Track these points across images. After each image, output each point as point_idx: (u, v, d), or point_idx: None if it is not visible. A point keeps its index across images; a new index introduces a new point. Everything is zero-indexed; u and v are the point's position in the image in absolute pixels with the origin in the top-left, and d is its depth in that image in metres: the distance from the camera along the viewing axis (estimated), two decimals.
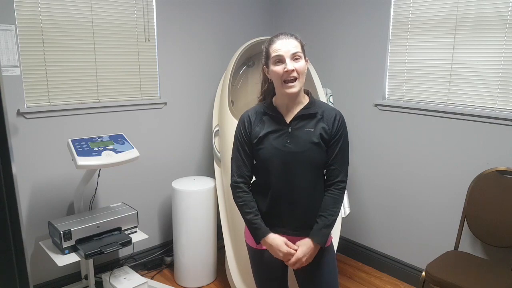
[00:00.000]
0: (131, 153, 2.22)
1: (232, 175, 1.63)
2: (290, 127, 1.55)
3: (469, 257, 2.23)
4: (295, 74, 1.49)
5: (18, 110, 2.26)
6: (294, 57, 1.49)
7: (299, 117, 1.56)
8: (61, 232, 2.09)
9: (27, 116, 2.29)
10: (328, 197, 1.58)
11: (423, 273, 2.12)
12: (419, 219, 2.64)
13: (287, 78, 1.49)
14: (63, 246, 2.10)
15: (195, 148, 3.10)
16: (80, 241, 2.15)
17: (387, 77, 2.72)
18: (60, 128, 2.43)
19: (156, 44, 2.75)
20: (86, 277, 2.49)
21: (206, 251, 2.70)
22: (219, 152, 2.56)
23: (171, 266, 2.94)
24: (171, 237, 3.00)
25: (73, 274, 2.57)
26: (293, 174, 1.54)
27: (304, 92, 1.62)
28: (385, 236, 2.85)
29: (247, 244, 1.72)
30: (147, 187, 2.87)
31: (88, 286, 2.41)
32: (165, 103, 2.86)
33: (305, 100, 1.60)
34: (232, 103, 2.57)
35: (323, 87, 2.74)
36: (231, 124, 2.42)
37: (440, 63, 2.43)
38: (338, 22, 2.93)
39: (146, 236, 2.40)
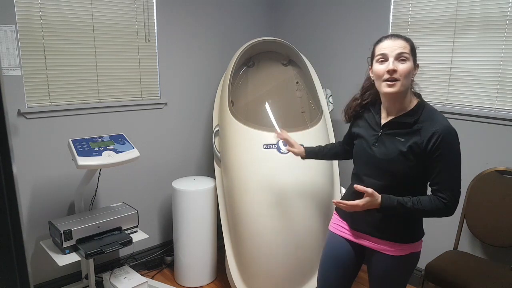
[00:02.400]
0: (132, 153, 2.22)
1: None
2: (381, 131, 1.48)
3: (469, 256, 2.23)
4: (396, 75, 1.37)
5: (19, 110, 2.26)
6: (400, 58, 1.38)
7: (392, 123, 1.45)
8: (62, 232, 2.09)
9: (28, 116, 2.30)
10: (427, 196, 1.41)
11: (423, 273, 2.12)
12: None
13: (388, 78, 1.37)
14: (64, 246, 2.11)
15: (195, 148, 3.10)
16: (81, 240, 2.16)
17: None
18: (60, 128, 2.43)
19: (156, 44, 2.76)
20: (86, 277, 2.50)
21: (206, 250, 2.71)
22: (219, 152, 2.56)
23: (171, 265, 2.95)
24: (171, 237, 3.01)
25: (74, 273, 2.58)
26: (370, 178, 1.47)
27: (416, 96, 1.47)
28: None
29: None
30: (148, 187, 2.88)
31: (88, 286, 2.42)
32: (166, 103, 2.87)
33: (411, 105, 1.45)
34: (232, 103, 2.57)
35: (323, 87, 2.74)
36: (231, 124, 2.43)
37: (440, 64, 2.43)
38: (338, 23, 2.93)
39: (147, 236, 2.41)
